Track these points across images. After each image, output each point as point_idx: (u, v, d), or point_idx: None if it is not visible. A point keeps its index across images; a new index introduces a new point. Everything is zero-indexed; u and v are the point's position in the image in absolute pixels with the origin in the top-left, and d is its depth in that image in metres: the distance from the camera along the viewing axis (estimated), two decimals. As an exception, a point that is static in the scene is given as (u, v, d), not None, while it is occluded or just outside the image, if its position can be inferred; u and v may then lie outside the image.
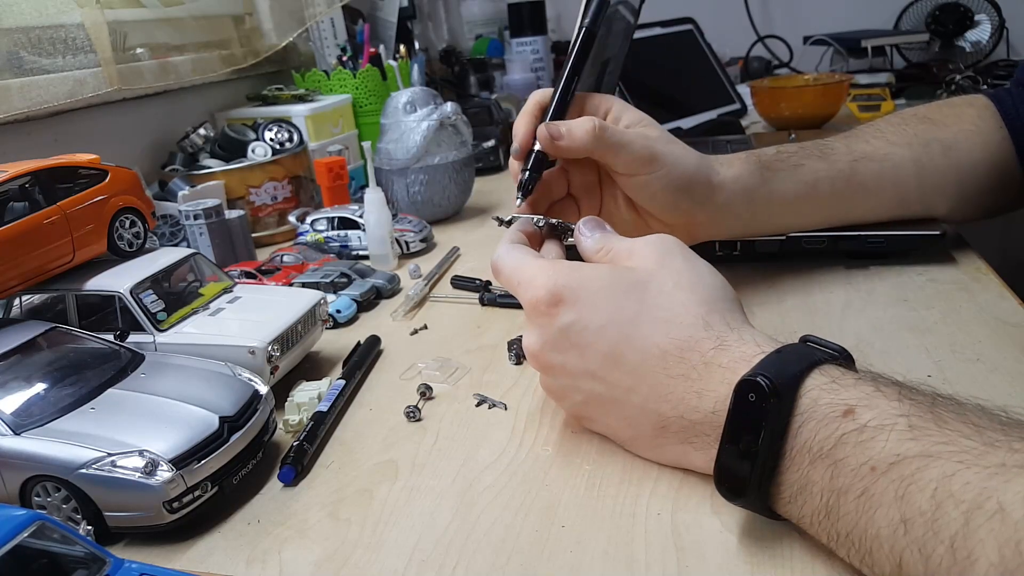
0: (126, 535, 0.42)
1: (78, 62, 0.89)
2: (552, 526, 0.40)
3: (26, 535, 0.31)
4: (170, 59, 1.04)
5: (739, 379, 0.35)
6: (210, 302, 0.58)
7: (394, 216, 0.86)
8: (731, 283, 0.44)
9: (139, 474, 0.40)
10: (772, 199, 0.61)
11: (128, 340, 0.53)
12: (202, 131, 1.01)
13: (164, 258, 0.59)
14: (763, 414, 0.34)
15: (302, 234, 0.90)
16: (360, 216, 0.85)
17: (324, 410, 0.51)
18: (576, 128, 0.53)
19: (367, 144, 0.84)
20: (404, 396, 0.55)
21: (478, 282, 0.74)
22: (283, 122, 1.03)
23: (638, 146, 0.55)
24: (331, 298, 0.70)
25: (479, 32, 1.80)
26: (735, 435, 0.35)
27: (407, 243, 0.86)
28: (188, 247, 0.77)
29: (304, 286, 0.72)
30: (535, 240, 0.51)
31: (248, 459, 0.46)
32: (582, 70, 0.57)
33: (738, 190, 0.59)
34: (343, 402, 0.54)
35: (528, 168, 0.55)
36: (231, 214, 0.85)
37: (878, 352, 0.53)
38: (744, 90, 1.32)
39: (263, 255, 0.85)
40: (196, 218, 0.80)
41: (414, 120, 0.93)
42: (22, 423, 0.42)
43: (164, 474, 0.40)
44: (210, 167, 0.95)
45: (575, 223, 0.49)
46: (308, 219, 0.90)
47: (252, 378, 0.50)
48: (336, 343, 0.65)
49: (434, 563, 0.38)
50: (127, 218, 0.59)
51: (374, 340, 0.63)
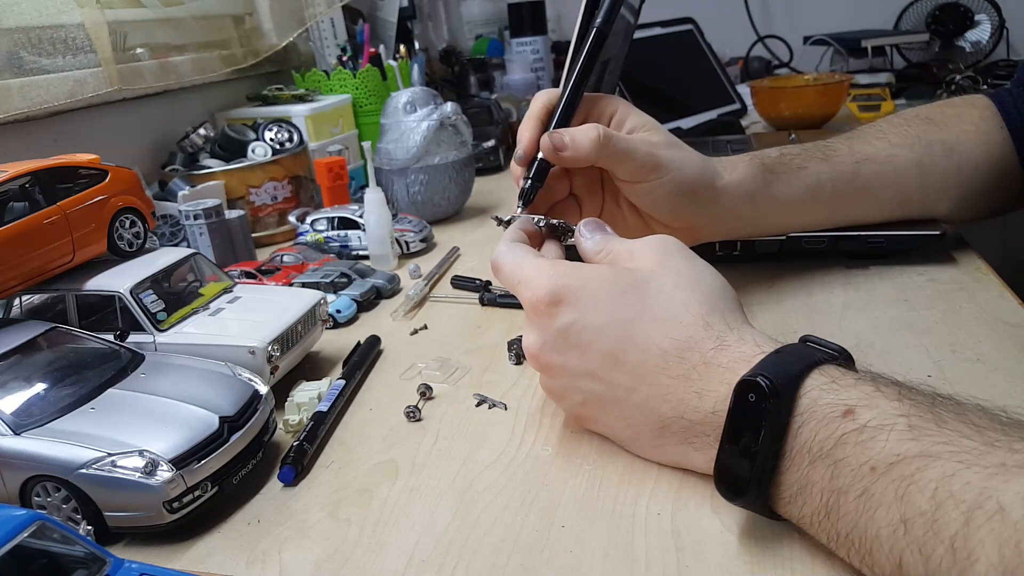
0: (126, 535, 0.42)
1: (78, 62, 0.89)
2: (552, 526, 0.40)
3: (26, 535, 0.31)
4: (170, 59, 1.04)
5: (739, 379, 0.35)
6: (210, 302, 0.58)
7: (394, 216, 0.87)
8: (731, 283, 0.44)
9: (139, 474, 0.40)
10: (775, 201, 0.61)
11: (128, 340, 0.53)
12: (202, 131, 1.01)
13: (164, 258, 0.59)
14: (763, 414, 0.34)
15: (302, 234, 0.90)
16: (360, 216, 0.85)
17: (324, 410, 0.51)
18: (580, 137, 0.52)
19: (367, 144, 0.84)
20: (404, 396, 0.55)
21: (478, 282, 0.74)
22: (283, 122, 1.03)
23: (642, 153, 0.54)
24: (331, 298, 0.70)
25: (479, 32, 1.80)
26: (735, 435, 0.35)
27: (407, 243, 0.86)
28: (188, 247, 0.77)
29: (304, 286, 0.72)
30: (536, 239, 0.51)
31: (248, 459, 0.46)
32: (591, 73, 0.55)
33: (741, 193, 0.59)
34: (343, 402, 0.54)
35: (530, 176, 0.54)
36: (231, 214, 0.85)
37: (878, 352, 0.53)
38: (744, 90, 1.32)
39: (263, 255, 0.85)
40: (196, 218, 0.80)
41: (414, 120, 0.93)
42: (22, 423, 0.42)
43: (164, 474, 0.40)
44: (210, 167, 0.95)
45: (576, 224, 0.49)
46: (308, 219, 0.90)
47: (252, 378, 0.50)
48: (336, 343, 0.65)
49: (434, 563, 0.38)
50: (127, 218, 0.59)
51: (374, 340, 0.63)
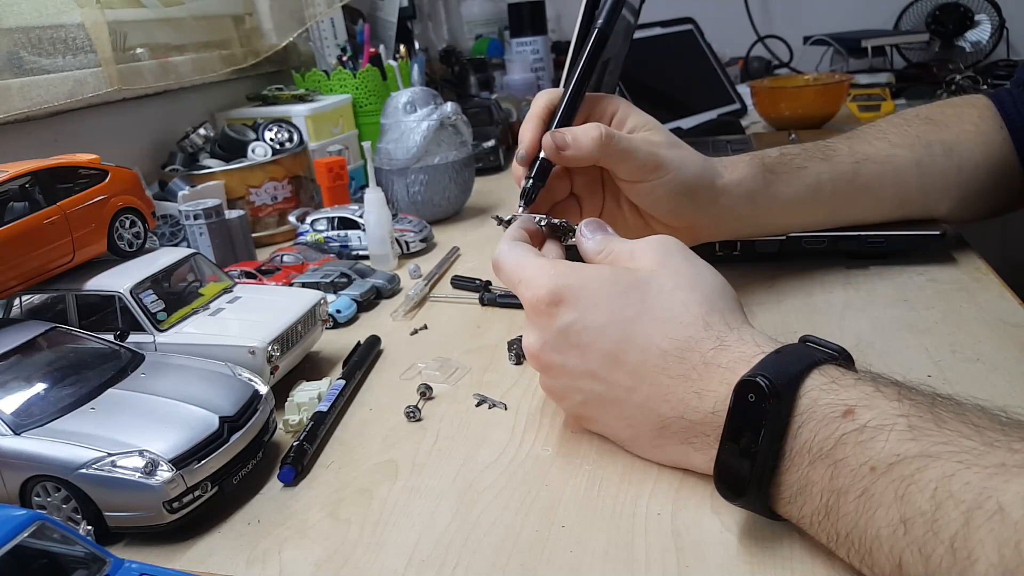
0: (126, 535, 0.42)
1: (78, 62, 0.89)
2: (552, 526, 0.40)
3: (26, 535, 0.31)
4: (170, 59, 1.04)
5: (739, 379, 0.35)
6: (210, 302, 0.58)
7: (394, 216, 0.87)
8: (731, 283, 0.44)
9: (139, 474, 0.40)
10: (775, 202, 0.61)
11: (128, 340, 0.53)
12: (202, 131, 1.01)
13: (164, 258, 0.59)
14: (763, 414, 0.34)
15: (302, 234, 0.90)
16: (360, 216, 0.85)
17: (324, 410, 0.51)
18: (582, 137, 0.52)
19: (367, 144, 0.84)
20: (404, 396, 0.55)
21: (478, 282, 0.74)
22: (283, 122, 1.03)
23: (643, 153, 0.54)
24: (331, 298, 0.70)
25: (479, 32, 1.81)
26: (735, 435, 0.35)
27: (407, 243, 0.86)
28: (188, 247, 0.77)
29: (304, 286, 0.72)
30: (537, 239, 0.51)
31: (248, 459, 0.46)
32: (592, 73, 0.55)
33: (741, 193, 0.59)
34: (343, 402, 0.54)
35: (532, 176, 0.54)
36: (231, 214, 0.85)
37: (878, 352, 0.53)
38: (744, 90, 1.32)
39: (263, 255, 0.85)
40: (196, 218, 0.80)
41: (414, 120, 0.93)
42: (22, 423, 0.42)
43: (164, 474, 0.40)
44: (210, 167, 0.95)
45: (577, 224, 0.49)
46: (308, 219, 0.90)
47: (252, 378, 0.50)
48: (336, 343, 0.65)
49: (434, 563, 0.38)
50: (127, 218, 0.59)
51: (374, 340, 0.63)
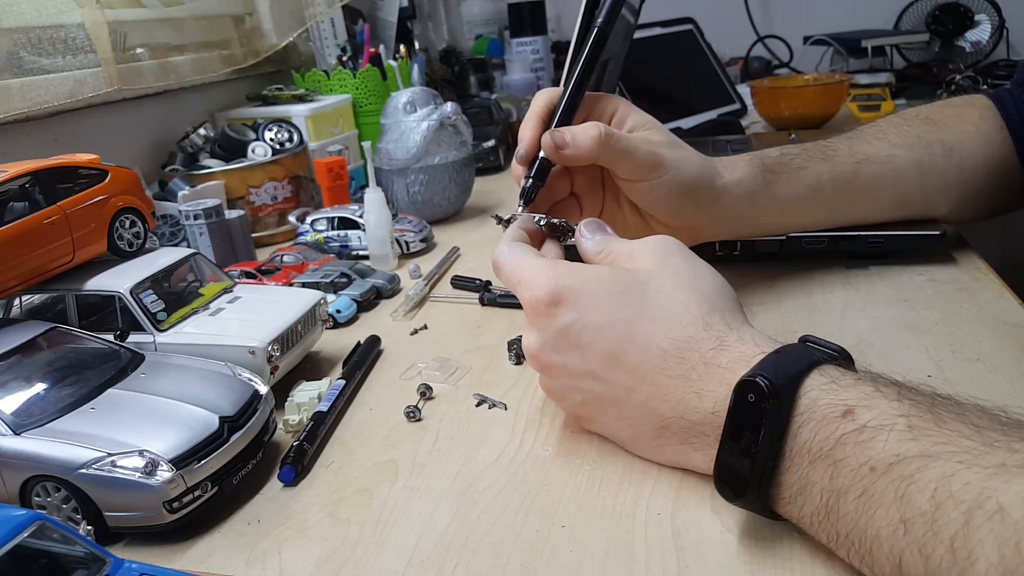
0: (126, 535, 0.42)
1: (78, 62, 0.89)
2: (552, 526, 0.40)
3: (26, 535, 0.31)
4: (170, 59, 1.04)
5: (738, 380, 0.35)
6: (210, 302, 0.58)
7: (394, 216, 0.87)
8: (731, 283, 0.44)
9: (139, 474, 0.40)
10: (775, 202, 0.61)
11: (128, 340, 0.53)
12: (202, 131, 1.01)
13: (164, 258, 0.59)
14: (763, 414, 0.34)
15: (302, 234, 0.90)
16: (360, 216, 0.85)
17: (324, 410, 0.51)
18: (581, 136, 0.52)
19: (367, 144, 0.84)
20: (404, 396, 0.55)
21: (478, 282, 0.74)
22: (283, 122, 1.03)
23: (643, 152, 0.54)
24: (331, 298, 0.70)
25: (479, 32, 1.81)
26: (735, 435, 0.35)
27: (407, 243, 0.86)
28: (188, 247, 0.77)
29: (304, 286, 0.72)
30: (536, 238, 0.51)
31: (248, 459, 0.46)
32: (592, 73, 0.55)
33: (741, 193, 0.59)
34: (343, 402, 0.54)
35: (531, 175, 0.54)
36: (231, 214, 0.85)
37: (878, 352, 0.53)
38: (744, 90, 1.32)
39: (263, 255, 0.85)
40: (196, 218, 0.80)
41: (414, 120, 0.93)
42: (22, 423, 0.42)
43: (164, 474, 0.40)
44: (210, 167, 0.95)
45: (576, 224, 0.49)
46: (308, 219, 0.90)
47: (252, 378, 0.50)
48: (336, 343, 0.65)
49: (434, 563, 0.38)
50: (127, 218, 0.59)
51: (374, 340, 0.63)
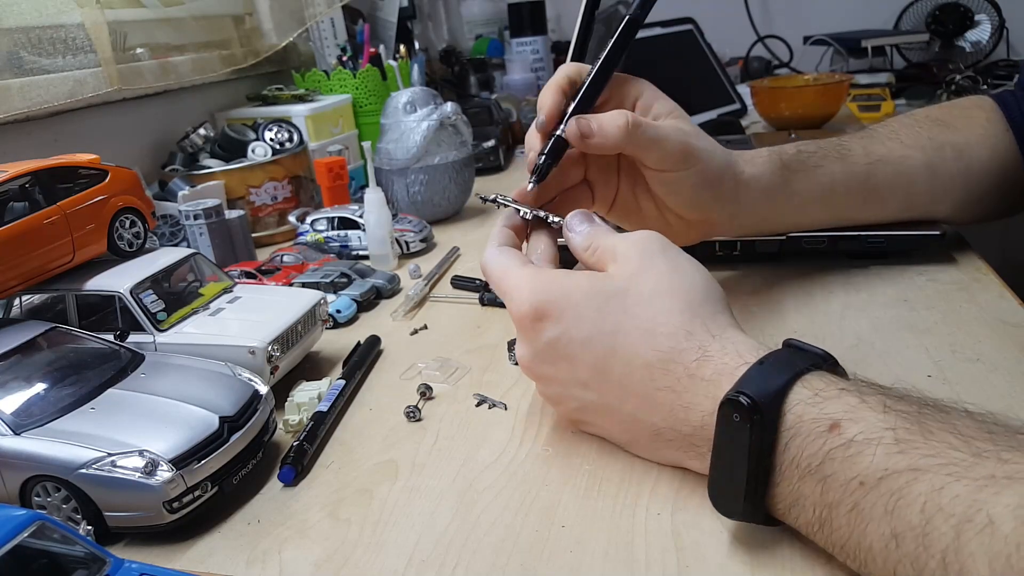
0: (126, 535, 0.42)
1: (78, 62, 0.89)
2: (552, 526, 0.40)
3: (26, 535, 0.31)
4: (170, 59, 1.04)
5: (722, 398, 0.35)
6: (210, 302, 0.58)
7: (394, 216, 0.87)
8: (731, 283, 0.43)
9: (139, 474, 0.40)
10: (790, 200, 0.60)
11: (128, 340, 0.53)
12: (202, 131, 1.01)
13: (164, 258, 0.59)
14: (748, 434, 0.34)
15: (302, 234, 0.90)
16: (360, 216, 0.85)
17: (324, 410, 0.51)
18: (608, 124, 0.49)
19: (367, 144, 0.84)
20: (404, 396, 0.55)
21: (478, 282, 0.74)
22: (283, 122, 1.03)
23: (674, 141, 0.51)
24: (331, 298, 0.70)
25: (479, 32, 1.81)
26: (724, 453, 0.35)
27: (407, 243, 0.86)
28: (188, 247, 0.77)
29: (304, 286, 0.72)
30: (522, 231, 0.50)
31: (248, 459, 0.46)
32: (620, 60, 0.53)
33: (760, 189, 0.58)
34: (343, 402, 0.54)
35: (545, 152, 0.51)
36: (231, 214, 0.85)
37: (878, 352, 0.53)
38: (744, 90, 1.32)
39: (263, 255, 0.85)
40: (196, 218, 0.80)
41: (414, 120, 0.93)
42: (22, 423, 0.42)
43: (164, 474, 0.40)
44: (210, 167, 0.95)
45: (564, 216, 0.47)
46: (308, 219, 0.90)
47: (252, 378, 0.50)
48: (336, 343, 0.65)
49: (434, 563, 0.38)
50: (127, 218, 0.59)
51: (374, 340, 0.63)
